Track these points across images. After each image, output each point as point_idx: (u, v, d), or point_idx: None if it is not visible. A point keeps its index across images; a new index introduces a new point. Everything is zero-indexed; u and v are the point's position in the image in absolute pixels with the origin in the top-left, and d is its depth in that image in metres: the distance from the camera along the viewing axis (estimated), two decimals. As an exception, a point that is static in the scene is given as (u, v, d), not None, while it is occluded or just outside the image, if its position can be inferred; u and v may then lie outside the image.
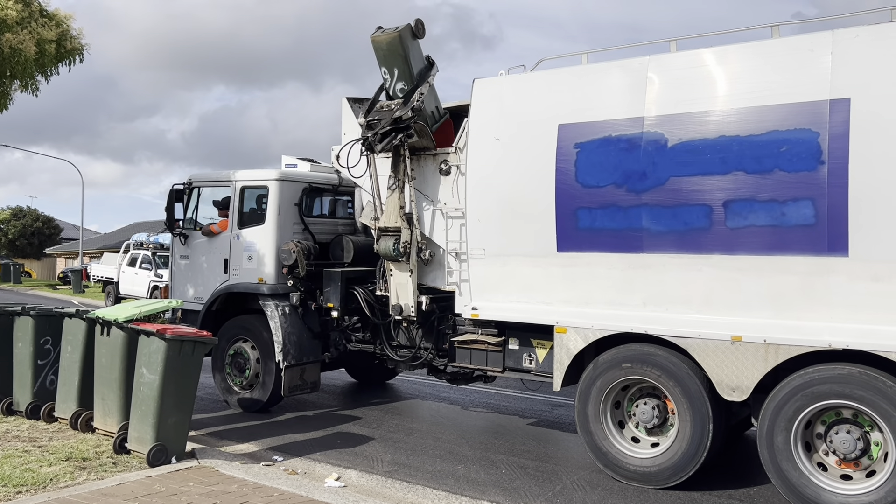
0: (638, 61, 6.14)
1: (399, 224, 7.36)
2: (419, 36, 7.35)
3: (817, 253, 5.30)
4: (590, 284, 6.31)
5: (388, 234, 7.46)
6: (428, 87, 7.43)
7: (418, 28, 7.32)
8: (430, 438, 7.55)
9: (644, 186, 5.96)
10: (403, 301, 7.59)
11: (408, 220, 7.41)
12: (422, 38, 7.40)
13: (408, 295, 7.53)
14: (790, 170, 5.38)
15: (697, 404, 5.78)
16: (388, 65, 7.36)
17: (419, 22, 7.32)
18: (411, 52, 7.32)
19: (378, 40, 7.26)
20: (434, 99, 7.66)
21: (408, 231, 7.36)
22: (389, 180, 7.51)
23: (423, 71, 7.48)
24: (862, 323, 5.16)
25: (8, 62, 11.64)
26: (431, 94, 7.56)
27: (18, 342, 7.70)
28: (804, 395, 5.31)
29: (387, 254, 7.47)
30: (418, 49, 7.45)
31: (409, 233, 7.36)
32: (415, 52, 7.39)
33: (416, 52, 7.43)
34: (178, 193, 9.23)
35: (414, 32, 7.27)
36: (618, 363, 6.15)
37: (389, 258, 7.50)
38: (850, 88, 5.20)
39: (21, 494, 5.27)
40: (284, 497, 5.38)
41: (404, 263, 7.45)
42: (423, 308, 7.55)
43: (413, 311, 7.53)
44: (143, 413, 6.19)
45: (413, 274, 7.48)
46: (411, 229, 7.38)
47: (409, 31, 7.22)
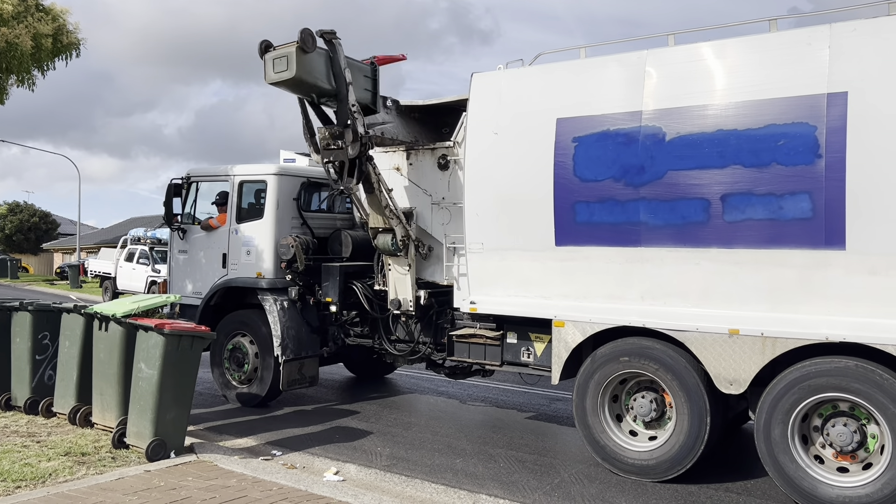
0: (636, 55, 6.14)
1: (386, 224, 7.32)
2: (310, 50, 6.54)
3: (814, 246, 5.31)
4: (588, 278, 6.32)
5: (386, 230, 7.46)
6: (350, 89, 6.87)
7: (307, 42, 6.46)
8: (429, 432, 7.57)
9: (642, 180, 5.96)
10: (402, 295, 7.60)
11: (405, 215, 7.40)
12: (312, 51, 6.62)
13: (406, 289, 7.54)
14: (788, 163, 5.39)
15: (695, 397, 5.80)
16: (303, 93, 6.95)
17: (306, 36, 6.50)
18: (315, 71, 6.66)
19: (277, 84, 6.61)
20: (359, 79, 7.02)
21: (404, 226, 7.36)
22: (363, 185, 7.33)
23: (339, 74, 6.81)
24: (859, 316, 5.17)
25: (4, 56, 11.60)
26: (357, 83, 6.95)
27: (16, 337, 7.70)
28: (801, 388, 5.33)
29: (385, 249, 7.48)
30: (319, 60, 6.74)
31: (405, 228, 7.36)
32: (318, 68, 6.70)
33: (319, 65, 6.73)
34: (176, 188, 9.22)
35: (304, 50, 6.51)
36: (616, 357, 6.17)
37: (388, 253, 7.51)
38: (847, 82, 5.21)
39: (20, 489, 5.29)
40: (283, 491, 5.39)
41: (402, 258, 7.46)
42: (422, 302, 7.56)
43: (411, 305, 7.53)
44: (141, 408, 6.20)
45: (411, 268, 7.49)
46: (408, 224, 7.38)
47: (300, 55, 6.51)
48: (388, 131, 8.41)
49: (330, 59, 6.87)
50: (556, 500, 5.62)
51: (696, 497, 5.70)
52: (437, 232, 7.38)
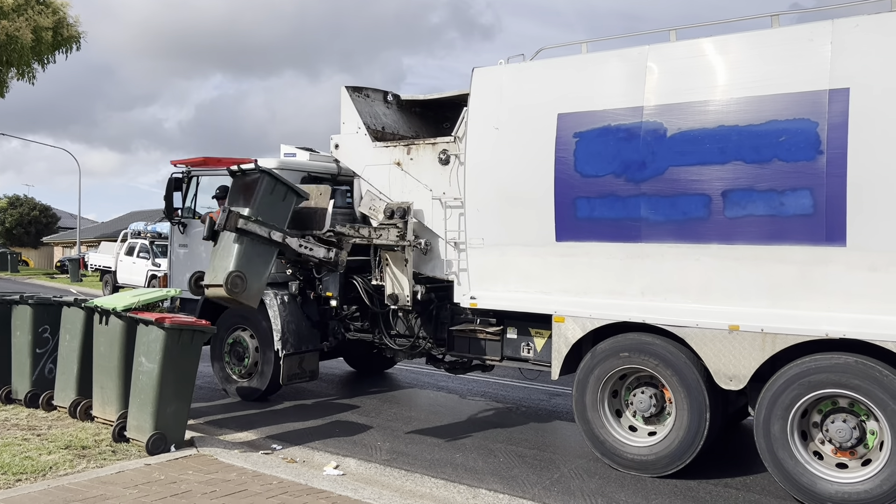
0: (637, 51, 6.12)
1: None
2: (239, 289, 6.05)
3: (815, 243, 5.31)
4: (588, 274, 6.32)
5: (383, 223, 7.46)
6: (287, 241, 6.66)
7: (231, 224, 5.95)
8: (429, 427, 7.58)
9: (643, 176, 5.95)
10: (399, 290, 7.60)
11: (403, 211, 7.40)
12: (243, 288, 6.17)
13: (404, 284, 7.53)
14: (789, 159, 5.38)
15: (694, 393, 5.80)
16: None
17: (233, 279, 5.98)
18: (256, 267, 6.25)
19: (218, 296, 6.25)
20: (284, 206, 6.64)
21: (403, 222, 7.35)
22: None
23: (280, 217, 6.42)
24: (859, 312, 5.17)
25: (4, 50, 11.59)
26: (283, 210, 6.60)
27: (17, 331, 7.70)
28: (801, 385, 5.34)
29: (382, 245, 7.44)
30: (257, 259, 6.31)
31: (404, 223, 7.35)
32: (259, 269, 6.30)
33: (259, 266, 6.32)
34: (176, 182, 9.20)
35: (234, 290, 6.02)
36: (616, 352, 6.17)
37: (385, 248, 7.50)
38: (849, 78, 5.19)
39: (20, 482, 5.29)
40: (283, 485, 5.40)
41: (400, 253, 7.45)
42: (419, 297, 7.56)
43: (409, 300, 7.53)
44: (142, 402, 6.21)
45: (409, 263, 7.49)
46: (406, 220, 7.37)
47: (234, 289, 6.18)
48: (389, 126, 8.41)
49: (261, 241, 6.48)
50: (556, 494, 5.63)
51: (696, 492, 5.71)
52: (438, 227, 7.37)
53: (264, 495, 5.14)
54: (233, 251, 5.92)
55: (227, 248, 5.98)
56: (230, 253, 5.92)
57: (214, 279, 6.00)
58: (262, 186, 6.04)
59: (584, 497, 5.59)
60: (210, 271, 6.04)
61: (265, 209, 6.09)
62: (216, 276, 5.98)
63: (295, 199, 6.37)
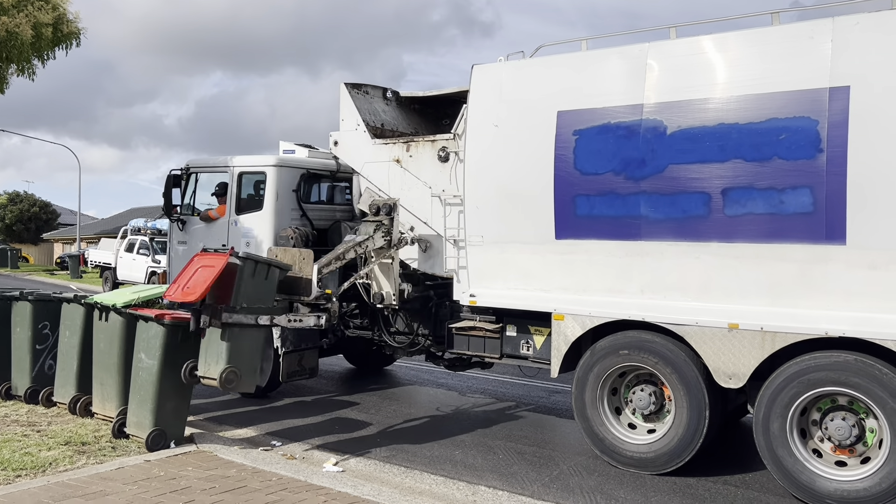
0: (637, 48, 6.11)
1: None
2: (217, 325, 5.85)
3: (815, 241, 5.30)
4: (588, 272, 6.32)
5: (368, 220, 7.43)
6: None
7: (217, 321, 5.82)
8: (428, 424, 7.59)
9: (643, 174, 5.95)
10: (385, 289, 7.55)
11: (389, 208, 7.36)
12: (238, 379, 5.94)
13: (390, 283, 7.50)
14: (789, 158, 5.37)
15: (694, 391, 5.81)
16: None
17: (229, 375, 5.84)
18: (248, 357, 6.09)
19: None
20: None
21: (389, 219, 7.32)
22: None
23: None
24: (858, 311, 5.17)
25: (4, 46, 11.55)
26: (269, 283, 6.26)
27: (17, 327, 7.70)
28: (800, 383, 5.34)
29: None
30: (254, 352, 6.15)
31: (390, 220, 7.32)
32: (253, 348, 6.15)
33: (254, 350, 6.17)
34: (175, 179, 9.21)
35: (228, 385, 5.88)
36: (615, 350, 6.17)
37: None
38: (849, 76, 5.18)
39: (20, 478, 5.30)
40: (283, 482, 5.40)
41: (385, 250, 7.42)
42: (406, 296, 7.53)
43: (395, 299, 7.50)
44: (141, 398, 6.21)
45: (395, 261, 7.46)
46: (392, 216, 7.34)
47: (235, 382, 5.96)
48: (388, 123, 8.40)
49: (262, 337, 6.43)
50: (555, 491, 5.63)
51: (695, 490, 5.71)
52: (437, 224, 7.37)
53: (264, 492, 5.15)
54: (222, 346, 5.83)
55: (216, 341, 5.88)
56: (220, 348, 5.82)
57: (208, 371, 5.93)
58: (243, 273, 5.87)
59: (583, 494, 5.59)
60: (203, 362, 5.96)
61: (249, 294, 5.93)
62: (209, 369, 5.92)
63: (278, 273, 6.25)
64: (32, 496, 4.91)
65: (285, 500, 5.00)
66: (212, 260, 5.90)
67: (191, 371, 6.03)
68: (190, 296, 5.69)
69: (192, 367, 6.05)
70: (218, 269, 5.72)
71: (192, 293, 5.70)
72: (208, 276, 5.73)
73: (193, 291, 5.70)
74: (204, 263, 5.89)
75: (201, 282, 5.74)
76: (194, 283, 5.78)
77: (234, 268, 5.84)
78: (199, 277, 5.80)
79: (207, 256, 6.00)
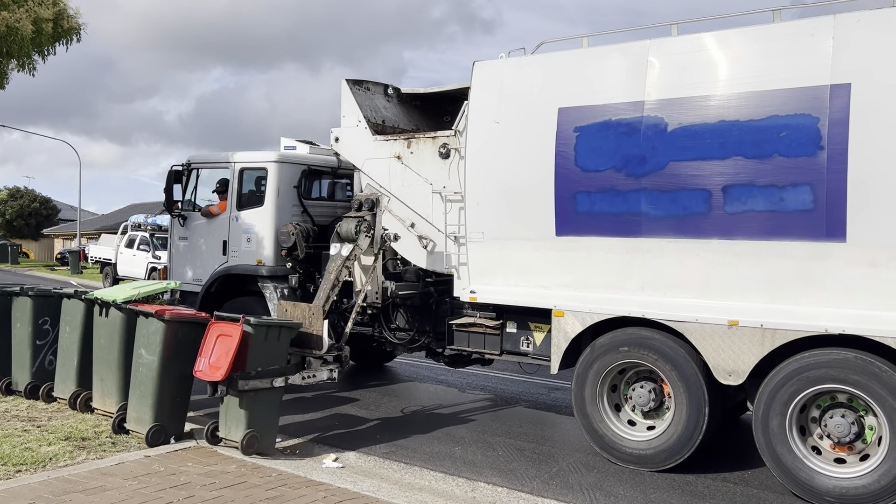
0: (639, 45, 6.11)
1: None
2: (234, 394, 5.96)
3: (815, 238, 5.31)
4: (588, 268, 6.32)
5: (350, 216, 7.42)
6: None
7: (234, 388, 5.92)
8: (428, 420, 7.60)
9: (643, 171, 5.95)
10: (368, 287, 7.51)
11: (371, 203, 7.30)
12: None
13: (373, 280, 7.47)
14: (789, 155, 5.37)
15: (694, 388, 5.81)
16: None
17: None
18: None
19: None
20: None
21: (371, 214, 7.27)
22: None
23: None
24: (858, 308, 5.18)
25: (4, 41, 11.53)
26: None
27: (17, 322, 7.71)
28: (800, 380, 5.34)
29: (348, 236, 7.39)
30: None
31: (372, 216, 7.28)
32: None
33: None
34: (176, 175, 9.21)
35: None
36: (615, 347, 6.18)
37: (350, 241, 7.40)
38: (850, 74, 5.19)
39: (21, 473, 5.31)
40: (282, 477, 5.41)
41: (369, 248, 7.40)
42: (389, 294, 7.50)
43: (378, 297, 7.46)
44: (141, 394, 6.22)
45: (378, 259, 7.42)
46: (375, 212, 7.29)
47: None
48: (389, 119, 8.39)
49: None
50: (555, 488, 5.64)
51: (693, 486, 5.72)
52: (438, 221, 7.37)
53: (263, 487, 5.16)
54: (241, 412, 5.99)
55: (235, 406, 6.01)
56: (239, 413, 6.01)
57: (229, 434, 6.08)
58: (256, 339, 5.98)
59: (582, 491, 5.60)
60: (223, 424, 6.11)
61: (263, 357, 6.05)
62: (230, 433, 6.07)
63: (289, 333, 6.36)
64: (33, 491, 4.92)
65: (285, 496, 5.01)
66: (227, 328, 5.98)
67: (212, 432, 6.16)
68: (217, 372, 5.84)
69: (213, 428, 6.19)
70: (236, 341, 5.85)
71: (217, 370, 5.84)
72: (229, 349, 5.84)
73: (218, 367, 5.84)
74: (221, 332, 5.99)
75: (223, 355, 5.87)
76: (217, 357, 5.91)
77: (247, 335, 5.96)
78: (220, 350, 5.92)
79: (222, 325, 6.04)
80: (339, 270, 7.21)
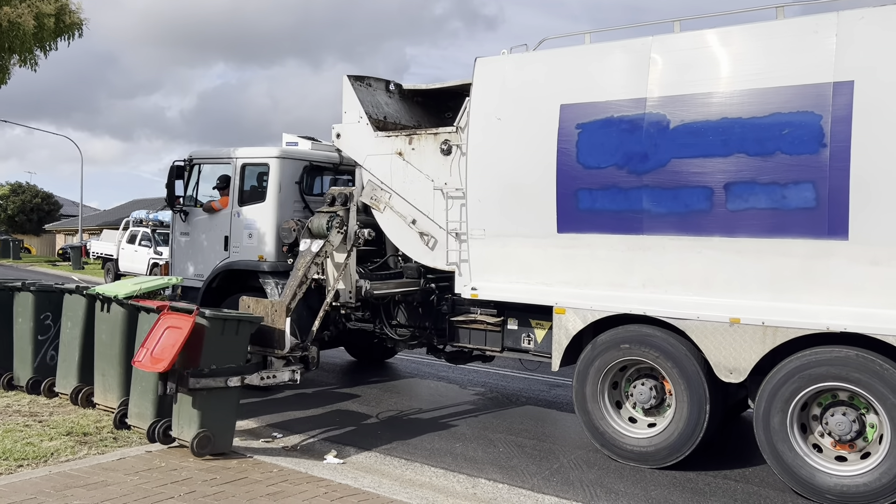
0: (641, 42, 6.09)
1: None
2: (183, 392, 5.69)
3: (817, 236, 5.30)
4: (589, 266, 6.32)
5: (322, 211, 7.36)
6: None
7: (184, 386, 5.62)
8: (429, 417, 7.60)
9: (645, 168, 5.94)
10: (340, 285, 7.39)
11: (344, 198, 7.25)
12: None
13: (346, 279, 7.40)
14: (792, 152, 5.36)
15: (695, 385, 5.81)
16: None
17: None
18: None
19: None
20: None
21: (345, 209, 7.21)
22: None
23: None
24: (860, 306, 5.17)
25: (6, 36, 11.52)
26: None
27: (19, 318, 7.71)
28: (801, 378, 5.34)
29: (319, 232, 7.31)
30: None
31: (346, 211, 7.22)
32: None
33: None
34: (178, 170, 9.21)
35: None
36: (616, 344, 6.18)
37: (321, 237, 7.30)
38: (854, 71, 5.17)
39: (22, 468, 5.32)
40: (283, 473, 5.42)
41: (342, 245, 7.34)
42: (363, 293, 7.45)
43: (352, 296, 7.38)
44: (143, 389, 6.22)
45: (351, 256, 7.36)
46: (348, 207, 7.23)
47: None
48: (391, 115, 8.38)
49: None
50: (555, 485, 5.65)
51: (695, 484, 5.73)
52: (439, 217, 7.37)
53: (264, 483, 5.17)
54: (194, 411, 5.65)
55: (187, 404, 5.69)
56: (192, 412, 5.67)
57: (181, 434, 5.78)
58: (211, 333, 5.60)
59: (583, 487, 5.61)
60: (176, 423, 5.82)
61: (218, 353, 5.68)
62: (182, 432, 5.76)
63: (248, 328, 6.00)
64: (34, 486, 4.93)
65: (286, 492, 5.02)
66: (178, 320, 5.60)
67: (164, 431, 5.86)
68: (158, 364, 5.49)
69: (165, 427, 5.87)
70: (185, 333, 5.46)
71: (159, 362, 5.48)
72: (176, 341, 5.46)
73: (161, 359, 5.48)
74: (170, 324, 5.62)
75: (168, 347, 5.48)
76: (161, 348, 5.52)
77: (201, 328, 5.58)
78: (166, 342, 5.54)
79: (174, 316, 5.69)
80: (307, 267, 6.97)
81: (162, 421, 5.93)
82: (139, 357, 5.72)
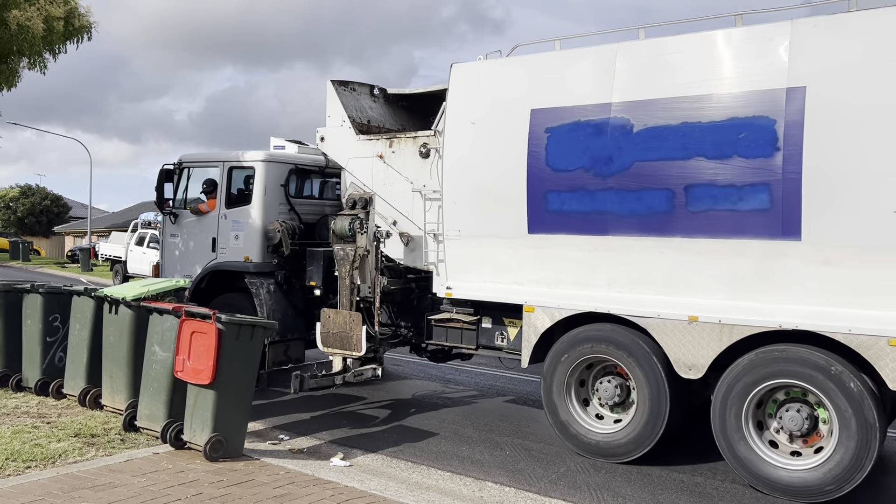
0: (607, 48, 6.25)
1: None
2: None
3: (772, 237, 5.44)
4: (558, 265, 6.48)
5: (344, 214, 7.59)
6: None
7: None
8: (435, 420, 7.57)
9: (610, 171, 6.10)
10: (360, 282, 7.62)
11: (364, 201, 7.49)
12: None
13: (364, 275, 7.63)
14: (748, 156, 5.50)
15: (655, 382, 5.95)
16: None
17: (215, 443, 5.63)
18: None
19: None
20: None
21: (365, 212, 7.44)
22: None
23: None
24: (813, 305, 5.32)
25: (15, 39, 11.66)
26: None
27: (28, 319, 7.76)
28: (755, 374, 5.48)
29: (342, 234, 7.53)
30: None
31: (366, 214, 7.44)
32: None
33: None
34: (168, 173, 9.32)
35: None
36: (582, 342, 6.34)
37: (345, 238, 7.51)
38: (806, 77, 5.31)
39: (30, 469, 5.34)
40: (290, 475, 5.43)
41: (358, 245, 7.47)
42: (381, 288, 7.60)
43: (371, 291, 7.57)
44: (155, 390, 6.17)
45: (371, 254, 7.55)
46: (368, 210, 7.47)
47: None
48: (375, 119, 8.57)
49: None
50: (562, 488, 5.62)
51: (702, 488, 5.67)
52: (418, 219, 7.54)
53: (271, 485, 5.17)
54: (208, 416, 5.70)
55: (202, 406, 5.75)
56: (206, 414, 5.71)
57: (193, 438, 5.81)
58: (227, 337, 5.65)
59: (590, 491, 5.58)
60: (188, 426, 5.84)
61: (234, 358, 5.74)
62: (194, 436, 5.80)
63: (263, 333, 6.07)
64: (42, 487, 4.93)
65: (292, 494, 5.00)
66: (201, 325, 5.74)
67: (176, 435, 5.89)
68: (200, 375, 5.64)
69: (177, 431, 5.91)
70: (214, 340, 5.62)
71: (200, 372, 5.65)
72: (208, 347, 5.63)
73: (200, 369, 5.65)
74: (194, 329, 5.79)
75: (203, 355, 5.66)
76: (195, 357, 5.70)
77: (219, 333, 5.70)
78: (197, 349, 5.70)
79: (194, 321, 5.80)
80: (351, 277, 7.45)
81: (175, 423, 5.98)
82: (179, 367, 5.82)
